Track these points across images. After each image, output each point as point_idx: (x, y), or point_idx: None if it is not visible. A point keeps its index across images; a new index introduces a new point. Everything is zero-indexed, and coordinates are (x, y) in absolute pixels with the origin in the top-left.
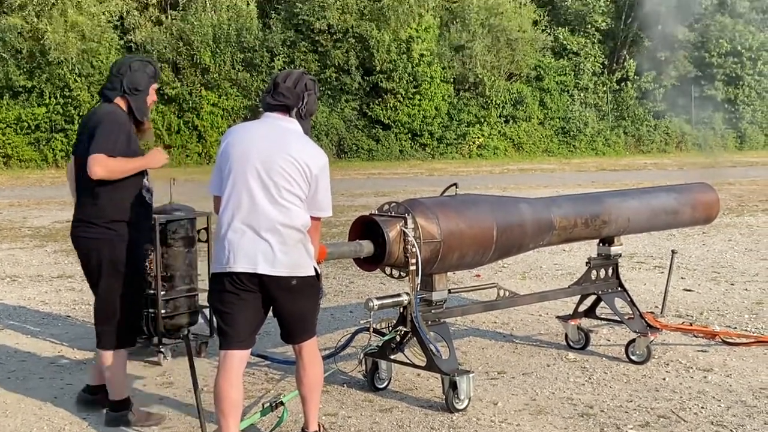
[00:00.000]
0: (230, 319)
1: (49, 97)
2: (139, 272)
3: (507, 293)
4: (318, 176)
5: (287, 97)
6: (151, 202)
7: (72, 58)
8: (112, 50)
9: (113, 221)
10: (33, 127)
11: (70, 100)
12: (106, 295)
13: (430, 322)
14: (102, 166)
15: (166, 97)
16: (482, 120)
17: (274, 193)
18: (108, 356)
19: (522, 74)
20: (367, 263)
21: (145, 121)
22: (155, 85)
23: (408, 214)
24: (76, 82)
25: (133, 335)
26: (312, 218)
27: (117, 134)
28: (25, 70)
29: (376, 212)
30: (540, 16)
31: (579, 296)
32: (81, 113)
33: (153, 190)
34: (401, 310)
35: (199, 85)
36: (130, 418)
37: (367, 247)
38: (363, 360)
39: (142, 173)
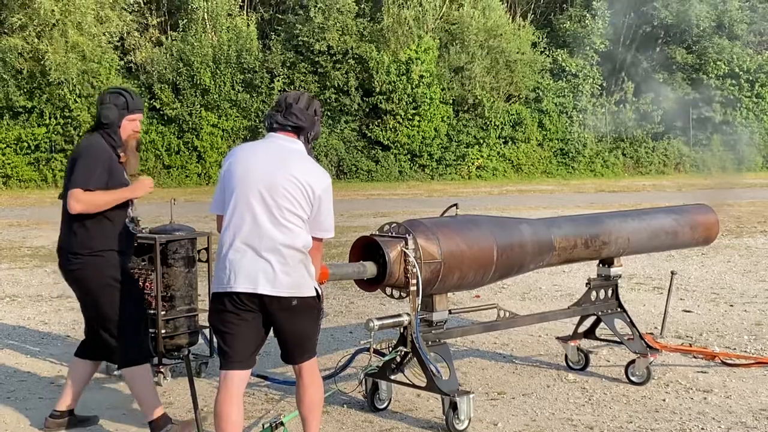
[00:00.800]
0: (230, 339)
1: (49, 118)
2: (136, 287)
3: (507, 314)
4: (321, 197)
5: (301, 119)
6: (136, 231)
7: (72, 79)
8: (112, 71)
9: (99, 251)
10: (33, 147)
11: (70, 120)
12: (108, 315)
13: (430, 343)
14: (78, 201)
15: (165, 118)
16: (481, 141)
17: (276, 214)
18: (129, 375)
19: (521, 96)
20: (367, 284)
21: (121, 154)
22: (132, 116)
23: (408, 235)
24: (76, 102)
25: (146, 350)
26: (314, 239)
27: (93, 167)
28: (25, 90)
29: (377, 233)
30: (539, 38)
31: (579, 317)
32: (81, 133)
33: (138, 219)
34: (401, 331)
35: (198, 105)
36: None
37: (370, 268)
38: (363, 380)
39: (126, 203)
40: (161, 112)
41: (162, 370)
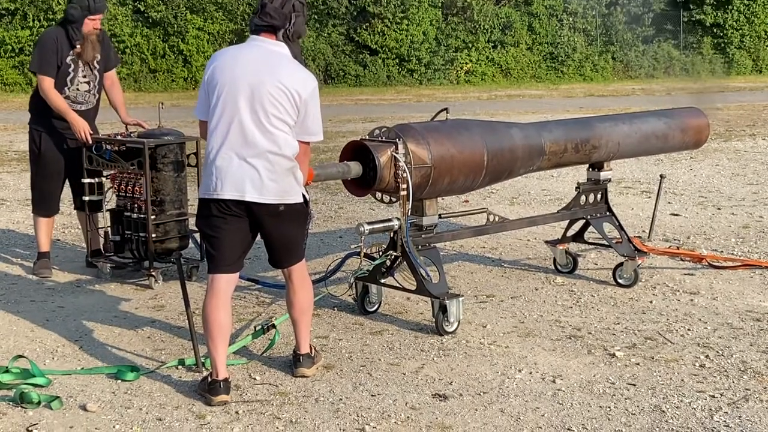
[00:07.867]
0: (217, 243)
1: (33, 20)
2: None
3: (496, 218)
4: (307, 101)
5: (274, 17)
6: None
7: None
8: None
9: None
10: (17, 51)
11: (53, 22)
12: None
13: (420, 247)
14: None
15: (150, 21)
16: (470, 45)
17: (263, 120)
18: None
19: None
20: (358, 188)
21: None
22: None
23: (399, 139)
24: (60, 4)
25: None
26: (301, 143)
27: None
28: None
29: (367, 137)
30: None
31: (567, 221)
32: None
33: None
34: (392, 235)
35: (184, 8)
36: None
37: (354, 168)
38: (353, 284)
39: None
40: (146, 15)
41: (153, 273)
